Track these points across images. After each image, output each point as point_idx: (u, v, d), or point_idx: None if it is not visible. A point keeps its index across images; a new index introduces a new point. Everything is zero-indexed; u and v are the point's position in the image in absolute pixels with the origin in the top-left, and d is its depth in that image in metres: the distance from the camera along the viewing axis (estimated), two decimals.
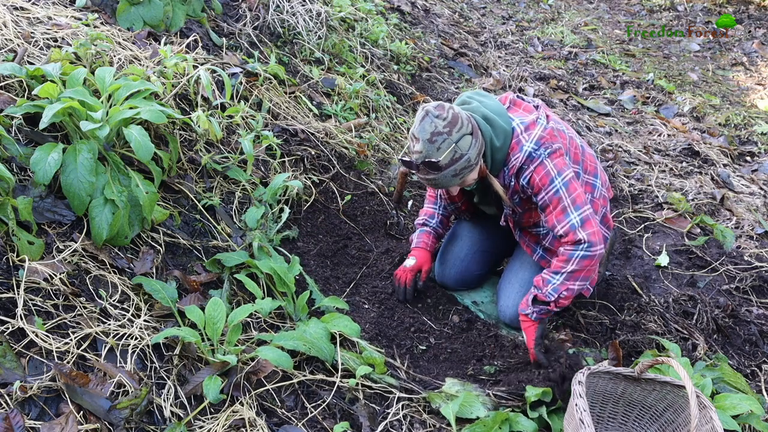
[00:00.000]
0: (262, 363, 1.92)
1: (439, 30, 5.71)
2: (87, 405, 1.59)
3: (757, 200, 3.77)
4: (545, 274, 2.25)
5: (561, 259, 2.20)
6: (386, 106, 3.81)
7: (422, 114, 1.98)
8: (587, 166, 2.38)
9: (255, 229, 2.50)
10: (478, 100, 2.17)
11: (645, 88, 5.64)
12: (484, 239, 2.69)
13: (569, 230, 2.15)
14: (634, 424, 2.01)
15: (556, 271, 2.21)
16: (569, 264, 2.18)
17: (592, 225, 2.16)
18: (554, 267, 2.23)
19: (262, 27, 3.63)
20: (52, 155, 1.91)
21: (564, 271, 2.19)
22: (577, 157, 2.32)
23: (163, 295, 1.98)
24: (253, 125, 2.85)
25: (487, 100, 2.18)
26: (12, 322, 1.66)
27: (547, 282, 2.22)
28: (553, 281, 2.21)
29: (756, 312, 2.72)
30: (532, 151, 2.11)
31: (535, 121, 2.16)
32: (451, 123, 1.97)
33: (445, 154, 1.97)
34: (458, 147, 1.98)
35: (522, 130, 2.13)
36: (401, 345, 2.36)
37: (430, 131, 1.96)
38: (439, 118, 1.96)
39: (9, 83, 2.17)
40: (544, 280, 2.24)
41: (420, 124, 1.98)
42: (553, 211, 2.17)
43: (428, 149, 1.97)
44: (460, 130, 1.98)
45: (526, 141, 2.12)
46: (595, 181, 2.40)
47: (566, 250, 2.19)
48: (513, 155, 2.13)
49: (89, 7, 2.93)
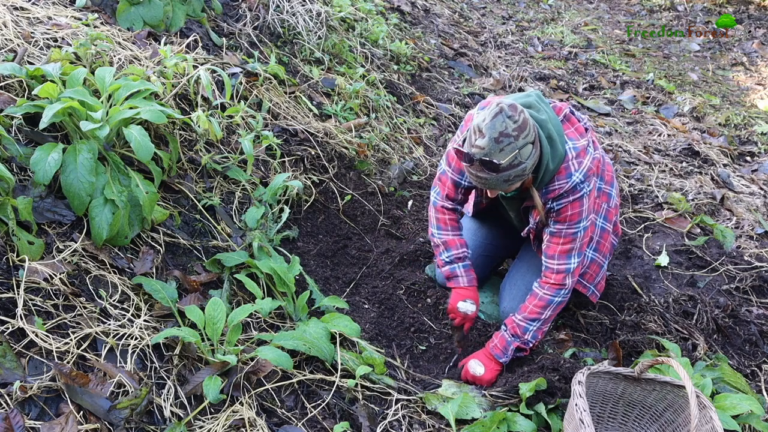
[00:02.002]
0: (261, 363, 1.92)
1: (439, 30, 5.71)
2: (87, 405, 1.59)
3: (757, 200, 3.77)
4: (521, 322, 2.26)
5: (539, 305, 2.24)
6: (386, 106, 3.81)
7: (496, 110, 1.87)
8: (606, 175, 2.37)
9: (255, 229, 2.50)
10: (546, 112, 2.08)
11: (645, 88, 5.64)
12: (486, 244, 2.67)
13: (563, 272, 2.20)
14: (634, 424, 2.01)
15: (533, 318, 2.25)
16: (546, 310, 2.24)
17: (578, 272, 2.26)
18: (531, 313, 2.25)
19: (262, 27, 3.63)
20: (52, 155, 1.91)
21: (541, 318, 2.25)
22: (599, 170, 2.28)
23: (163, 295, 1.98)
24: (253, 125, 2.85)
25: (551, 112, 2.10)
26: (12, 322, 1.65)
27: (525, 330, 2.25)
28: (531, 328, 2.25)
29: (756, 312, 2.72)
30: (578, 183, 2.07)
31: (586, 148, 2.12)
32: (520, 128, 1.89)
33: (508, 158, 1.88)
34: (520, 154, 1.90)
35: (573, 156, 2.08)
36: (401, 345, 2.36)
37: (500, 130, 1.86)
38: (511, 119, 1.87)
39: (9, 83, 2.17)
40: (520, 327, 2.25)
41: (491, 121, 1.87)
42: (560, 245, 2.18)
43: (492, 148, 1.87)
44: (526, 137, 1.90)
45: (575, 170, 2.07)
46: (611, 190, 2.40)
47: (546, 294, 2.23)
48: (558, 180, 2.08)
49: (89, 7, 2.93)
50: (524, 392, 1.99)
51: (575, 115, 2.22)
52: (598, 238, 2.40)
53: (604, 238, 2.41)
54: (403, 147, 3.68)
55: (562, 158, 2.05)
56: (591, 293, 2.46)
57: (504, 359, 2.26)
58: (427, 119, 4.09)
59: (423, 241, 2.96)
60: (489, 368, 2.24)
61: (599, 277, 2.46)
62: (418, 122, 3.99)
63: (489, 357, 2.27)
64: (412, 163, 3.56)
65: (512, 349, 2.26)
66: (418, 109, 4.14)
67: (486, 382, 2.22)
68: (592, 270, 2.42)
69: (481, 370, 2.22)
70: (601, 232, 2.40)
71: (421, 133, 3.90)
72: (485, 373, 2.22)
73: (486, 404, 2.02)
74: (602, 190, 2.36)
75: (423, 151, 3.76)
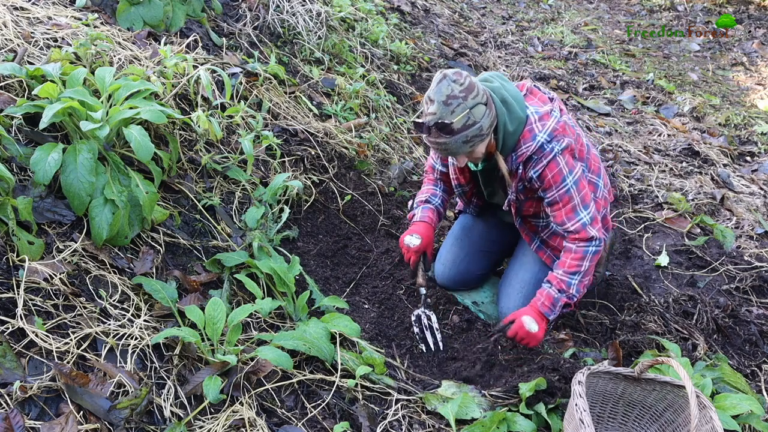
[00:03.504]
0: (261, 363, 1.92)
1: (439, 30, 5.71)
2: (87, 405, 1.59)
3: (757, 200, 3.77)
4: (562, 276, 2.26)
5: (576, 257, 2.25)
6: (386, 106, 3.81)
7: (440, 77, 2.00)
8: (591, 164, 2.40)
9: (255, 229, 2.50)
10: (500, 82, 2.19)
11: (645, 88, 5.64)
12: (483, 240, 2.69)
13: (581, 228, 2.22)
14: (634, 424, 2.01)
15: (574, 271, 2.25)
16: (584, 261, 2.24)
17: (598, 222, 2.26)
18: (570, 267, 2.26)
19: (262, 27, 3.63)
20: (52, 155, 1.91)
21: (581, 270, 2.25)
22: (582, 155, 2.34)
23: (163, 295, 1.98)
24: (253, 125, 2.85)
25: (507, 84, 2.21)
26: (12, 322, 1.65)
27: (569, 284, 2.26)
28: (573, 282, 2.26)
29: (756, 312, 2.72)
30: (545, 143, 2.13)
31: (549, 112, 2.19)
32: (467, 89, 1.99)
33: (459, 118, 1.98)
34: (472, 113, 2.00)
35: (536, 119, 2.16)
36: (401, 345, 2.36)
37: (446, 94, 1.98)
38: (456, 82, 1.98)
39: (9, 83, 2.17)
40: (564, 282, 2.26)
41: (437, 86, 1.99)
42: (563, 208, 2.22)
43: (443, 111, 1.98)
44: (475, 98, 2.00)
45: (539, 131, 2.14)
46: (598, 181, 2.41)
47: (579, 247, 2.24)
48: (524, 142, 2.15)
49: (89, 7, 2.93)
50: (524, 392, 1.99)
51: (539, 89, 2.31)
52: None
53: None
54: (403, 147, 3.68)
55: (523, 121, 2.14)
56: None
57: (552, 315, 2.27)
58: None
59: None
60: (541, 326, 2.24)
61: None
62: None
63: (539, 314, 2.26)
64: (412, 163, 3.56)
65: (560, 306, 2.27)
66: (418, 109, 4.14)
67: (538, 341, 2.24)
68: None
69: (536, 327, 2.22)
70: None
71: None
72: (538, 330, 2.23)
73: (486, 404, 2.01)
74: (588, 179, 2.38)
75: (423, 151, 3.76)
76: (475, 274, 2.70)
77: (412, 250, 2.49)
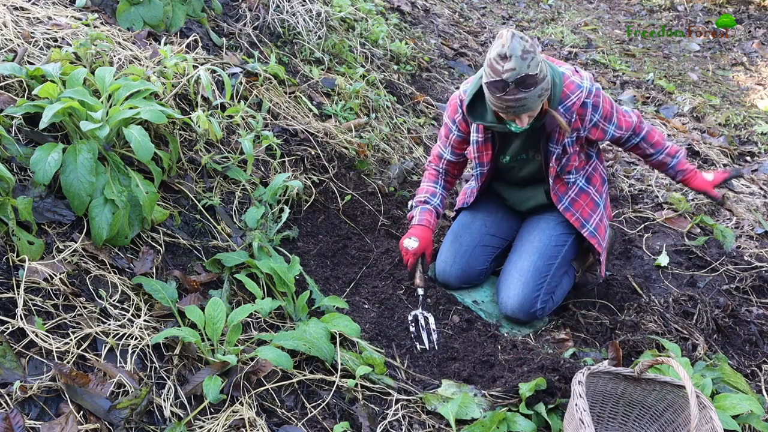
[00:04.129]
0: (261, 363, 1.92)
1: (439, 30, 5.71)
2: (87, 405, 1.59)
3: (757, 200, 3.77)
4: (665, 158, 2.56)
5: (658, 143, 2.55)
6: (386, 106, 3.81)
7: (509, 35, 2.02)
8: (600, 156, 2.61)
9: (255, 229, 2.50)
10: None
11: (645, 88, 5.64)
12: (482, 234, 2.71)
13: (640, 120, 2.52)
14: (634, 424, 2.01)
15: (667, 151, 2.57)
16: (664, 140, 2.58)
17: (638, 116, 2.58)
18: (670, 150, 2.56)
19: (262, 27, 3.63)
20: (52, 155, 1.91)
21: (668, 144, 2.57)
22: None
23: (163, 295, 1.98)
24: (253, 125, 2.85)
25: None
26: (12, 322, 1.65)
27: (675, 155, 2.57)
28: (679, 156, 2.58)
29: (756, 312, 2.71)
30: (591, 87, 2.32)
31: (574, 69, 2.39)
32: (533, 44, 2.06)
33: (538, 70, 2.04)
34: (542, 66, 2.07)
35: (571, 73, 2.33)
36: (401, 345, 2.36)
37: (521, 49, 2.01)
38: (522, 39, 2.03)
39: (9, 83, 2.17)
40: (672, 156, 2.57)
41: (511, 43, 2.01)
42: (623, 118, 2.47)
43: (522, 65, 2.01)
44: (538, 53, 2.07)
45: (582, 79, 2.31)
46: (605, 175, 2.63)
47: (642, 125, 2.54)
48: (572, 92, 2.28)
49: (89, 7, 2.93)
50: (524, 392, 1.98)
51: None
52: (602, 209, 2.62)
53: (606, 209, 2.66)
54: (403, 147, 3.68)
55: (561, 75, 2.26)
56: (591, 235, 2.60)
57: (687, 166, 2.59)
58: (427, 119, 4.09)
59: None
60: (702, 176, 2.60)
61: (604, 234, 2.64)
62: (418, 122, 3.99)
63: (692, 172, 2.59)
64: (412, 163, 3.55)
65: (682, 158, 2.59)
66: (418, 109, 4.14)
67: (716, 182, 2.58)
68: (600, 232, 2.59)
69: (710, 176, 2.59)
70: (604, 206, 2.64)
71: (421, 133, 3.90)
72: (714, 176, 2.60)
73: (486, 404, 2.01)
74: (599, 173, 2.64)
75: (423, 151, 3.76)
76: (476, 269, 2.70)
77: (410, 253, 2.54)
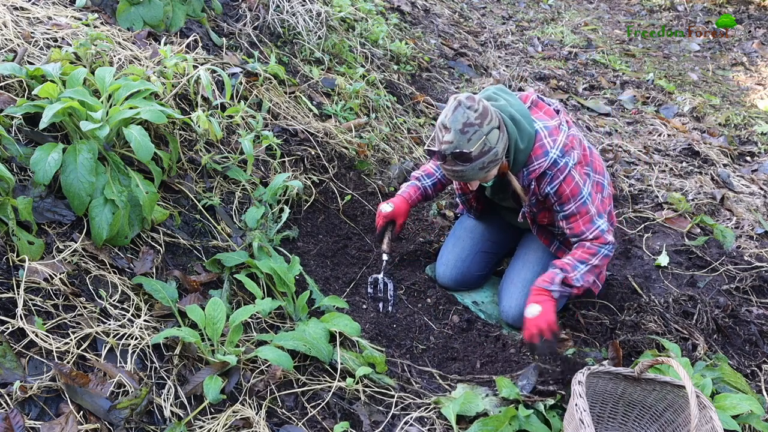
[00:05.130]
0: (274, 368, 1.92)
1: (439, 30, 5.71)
2: (87, 405, 1.59)
3: (757, 200, 3.77)
4: (569, 261, 2.28)
5: (588, 252, 2.27)
6: (386, 106, 3.81)
7: (454, 104, 1.98)
8: (596, 166, 2.41)
9: (255, 229, 2.50)
10: (504, 98, 2.18)
11: (645, 88, 5.64)
12: (484, 240, 2.70)
13: (599, 234, 2.26)
14: (634, 424, 2.01)
15: (583, 261, 2.27)
16: (595, 258, 2.27)
17: (612, 228, 2.31)
18: (579, 257, 2.28)
19: (262, 27, 3.63)
20: (52, 155, 1.91)
21: (590, 263, 2.27)
22: (587, 159, 2.35)
23: (163, 295, 1.98)
24: (253, 125, 2.85)
25: (512, 98, 2.19)
26: (12, 322, 1.65)
27: (575, 268, 2.26)
28: (580, 269, 2.27)
29: (756, 312, 2.71)
30: (558, 158, 2.13)
31: (558, 126, 2.18)
32: (482, 115, 1.98)
33: (476, 146, 1.98)
34: (488, 139, 1.99)
35: (546, 134, 2.15)
36: (401, 345, 2.36)
37: (462, 122, 1.96)
38: (470, 109, 1.96)
39: (9, 83, 2.17)
40: (570, 265, 2.26)
41: (452, 114, 1.97)
42: (581, 219, 2.24)
43: (459, 140, 1.97)
44: (490, 123, 1.99)
45: (551, 147, 2.14)
46: (603, 180, 2.44)
47: (594, 245, 2.27)
48: (536, 159, 2.15)
49: (89, 7, 2.93)
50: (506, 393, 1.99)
51: (544, 101, 2.30)
52: None
53: None
54: (403, 147, 3.68)
55: (533, 137, 2.13)
56: (592, 283, 2.46)
57: (553, 287, 2.21)
58: (427, 119, 4.09)
59: (423, 241, 2.96)
60: (543, 305, 2.17)
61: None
62: (418, 122, 3.99)
63: (537, 292, 2.23)
64: (412, 163, 3.55)
65: (560, 279, 2.23)
66: (418, 109, 4.14)
67: (549, 322, 2.15)
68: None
69: (537, 308, 2.17)
70: None
71: (421, 133, 3.90)
72: (541, 311, 2.16)
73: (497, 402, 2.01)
74: (595, 180, 2.39)
75: (423, 151, 3.76)
76: (476, 274, 2.70)
77: (381, 215, 2.56)
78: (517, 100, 2.20)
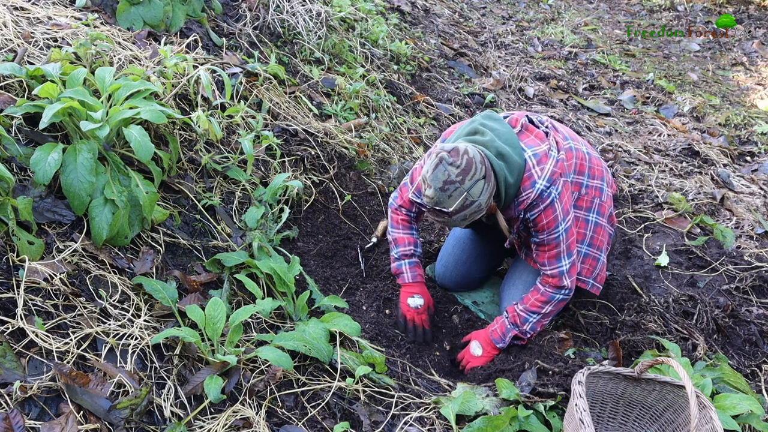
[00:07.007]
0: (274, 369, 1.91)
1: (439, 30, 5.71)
2: (87, 405, 1.59)
3: (757, 200, 3.77)
4: (521, 312, 2.32)
5: (541, 300, 2.30)
6: (386, 106, 3.81)
7: (436, 161, 1.94)
8: (594, 171, 2.36)
9: (255, 229, 2.50)
10: (491, 128, 2.12)
11: (645, 88, 5.64)
12: (485, 243, 2.68)
13: (557, 275, 2.25)
14: (634, 424, 2.01)
15: (534, 311, 2.31)
16: (547, 305, 2.31)
17: (575, 270, 2.29)
18: (532, 306, 2.31)
19: (262, 27, 3.63)
20: (52, 155, 1.91)
21: (542, 312, 2.31)
22: (583, 168, 2.32)
23: (163, 295, 1.98)
24: (253, 125, 2.85)
25: (500, 127, 2.13)
26: (12, 322, 1.65)
27: (525, 321, 2.32)
28: (531, 320, 2.32)
29: (756, 312, 2.71)
30: (544, 189, 2.09)
31: (547, 153, 2.13)
32: (464, 171, 1.92)
33: (457, 203, 1.94)
34: (470, 194, 1.95)
35: (534, 164, 2.11)
36: (401, 345, 2.36)
37: (443, 180, 1.92)
38: (453, 165, 1.92)
39: (9, 83, 2.17)
40: (521, 317, 2.32)
41: (433, 172, 1.94)
42: (548, 252, 2.24)
43: (439, 197, 1.94)
44: (473, 176, 1.94)
45: (538, 177, 2.10)
46: (602, 185, 2.40)
47: (547, 291, 2.29)
48: (524, 190, 2.11)
49: (89, 7, 2.93)
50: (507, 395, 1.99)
51: (533, 122, 2.24)
52: (592, 233, 2.39)
53: (597, 233, 2.41)
54: (403, 147, 3.68)
55: (522, 168, 2.09)
56: (591, 286, 2.46)
57: (501, 345, 2.34)
58: (427, 119, 4.09)
59: (422, 241, 2.96)
60: (486, 351, 2.34)
61: (597, 270, 2.46)
62: (418, 122, 3.99)
63: (488, 341, 2.35)
64: (412, 163, 3.56)
65: (510, 336, 2.33)
66: (418, 109, 4.14)
67: (479, 364, 2.32)
68: (588, 264, 2.43)
69: (479, 352, 2.34)
70: (595, 227, 2.39)
71: (421, 133, 3.90)
72: (482, 355, 2.33)
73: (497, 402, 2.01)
74: (593, 186, 2.37)
75: (423, 151, 3.76)
76: (476, 277, 2.69)
77: (421, 312, 2.47)
78: (506, 127, 2.15)
